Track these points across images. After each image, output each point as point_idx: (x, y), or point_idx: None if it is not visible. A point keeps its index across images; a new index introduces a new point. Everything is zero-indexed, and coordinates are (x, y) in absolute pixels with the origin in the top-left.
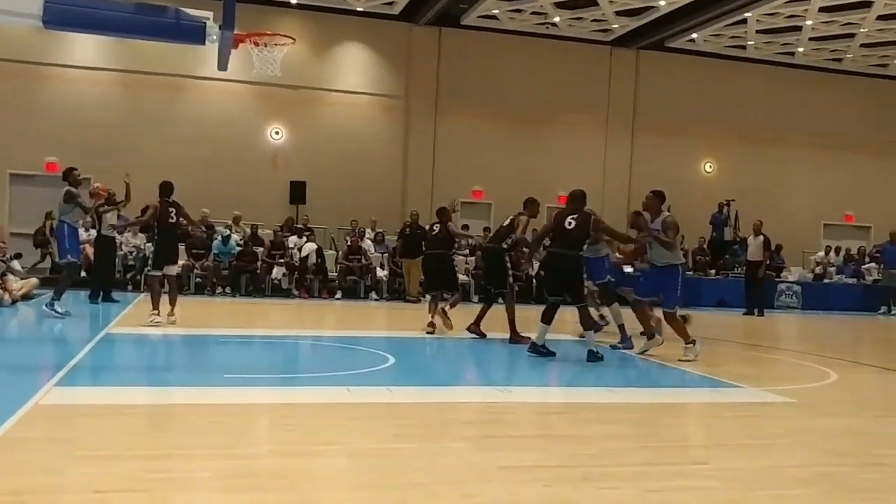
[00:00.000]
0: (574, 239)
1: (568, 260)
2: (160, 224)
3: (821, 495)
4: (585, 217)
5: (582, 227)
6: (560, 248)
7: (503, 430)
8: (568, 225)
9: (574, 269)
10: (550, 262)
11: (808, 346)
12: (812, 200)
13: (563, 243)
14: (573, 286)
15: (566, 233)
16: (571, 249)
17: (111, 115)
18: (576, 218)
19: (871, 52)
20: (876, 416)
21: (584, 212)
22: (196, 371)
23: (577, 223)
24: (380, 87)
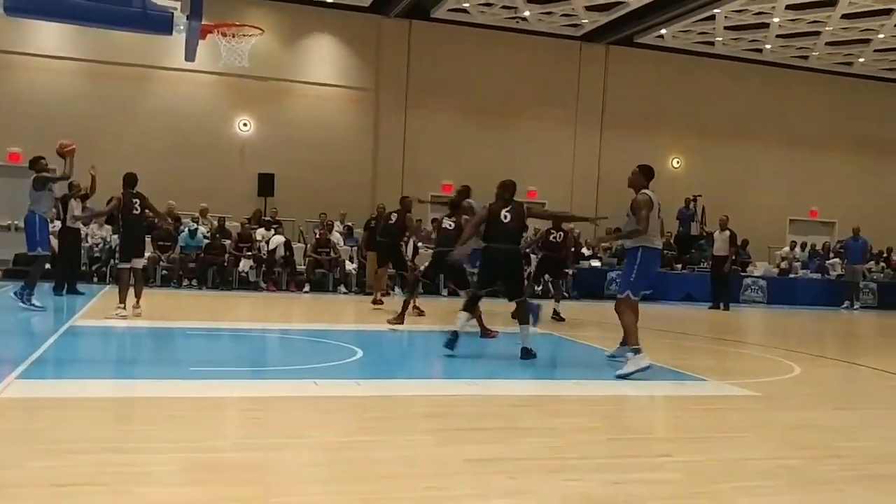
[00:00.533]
0: (511, 233)
1: (508, 254)
2: (124, 216)
3: (782, 487)
4: (519, 208)
5: (518, 220)
6: (499, 244)
7: (469, 423)
8: (504, 218)
9: (515, 264)
10: (492, 258)
11: (773, 340)
12: (778, 196)
13: (500, 238)
14: (513, 281)
15: (503, 227)
16: (510, 244)
17: (76, 106)
18: (510, 211)
19: (836, 51)
20: (836, 408)
21: (517, 202)
22: (161, 364)
23: (512, 216)
24: (349, 79)
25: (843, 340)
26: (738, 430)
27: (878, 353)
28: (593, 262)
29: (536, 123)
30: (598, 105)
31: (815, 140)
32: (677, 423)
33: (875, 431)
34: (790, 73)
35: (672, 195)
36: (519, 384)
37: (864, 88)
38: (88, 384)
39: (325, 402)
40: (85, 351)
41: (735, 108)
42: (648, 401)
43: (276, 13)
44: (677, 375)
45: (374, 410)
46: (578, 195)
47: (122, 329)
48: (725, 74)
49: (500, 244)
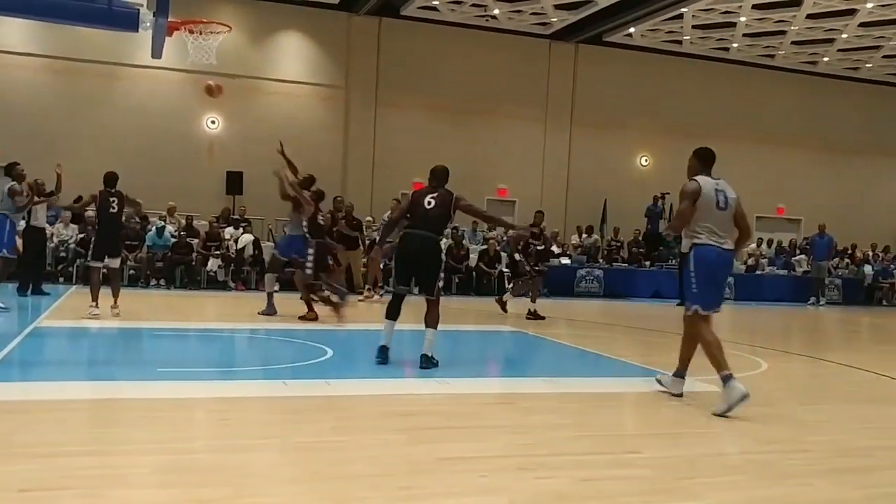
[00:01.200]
0: (433, 221)
1: (426, 241)
2: (100, 214)
3: (750, 481)
4: (447, 196)
5: (442, 207)
6: (415, 230)
7: (440, 422)
8: (427, 204)
9: (432, 255)
10: (406, 245)
11: (741, 336)
12: (745, 193)
13: (419, 224)
14: (426, 273)
15: (424, 213)
16: (429, 231)
17: (40, 103)
18: (436, 197)
19: (802, 50)
20: (803, 403)
21: (445, 190)
22: (130, 365)
23: (437, 202)
24: (319, 76)
25: (809, 336)
26: (706, 425)
27: (843, 349)
28: (563, 259)
29: (506, 121)
30: (567, 103)
31: (782, 138)
32: (646, 420)
33: (841, 425)
34: (757, 71)
35: (641, 193)
36: (490, 382)
37: (829, 87)
38: (55, 386)
39: (295, 403)
40: (51, 352)
41: (703, 106)
42: (618, 398)
43: (244, 10)
44: (646, 372)
45: (344, 410)
46: (548, 192)
47: (88, 330)
48: (693, 73)
49: (418, 230)
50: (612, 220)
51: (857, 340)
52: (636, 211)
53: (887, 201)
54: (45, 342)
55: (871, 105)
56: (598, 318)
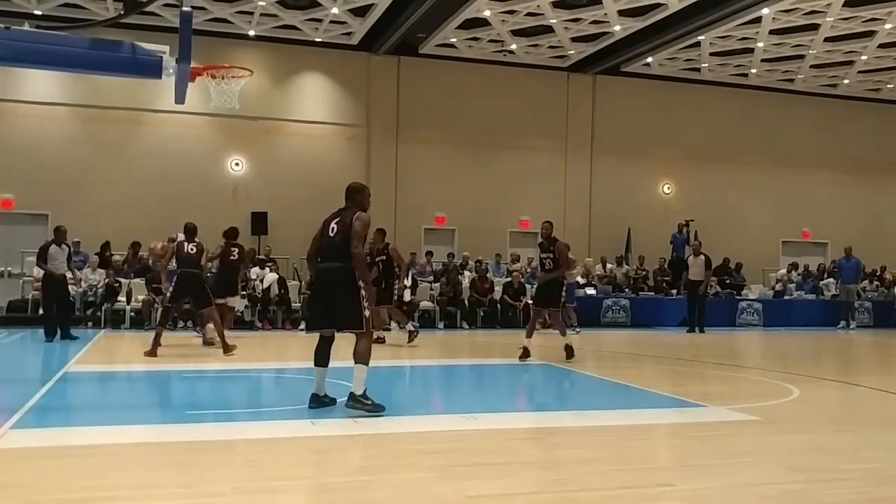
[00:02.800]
0: (335, 248)
1: (330, 274)
2: (223, 260)
3: None
4: (350, 219)
5: (344, 233)
6: (321, 262)
7: (469, 459)
8: (331, 232)
9: (339, 285)
10: (315, 280)
11: (771, 362)
12: (770, 218)
13: (323, 255)
14: (336, 306)
15: (327, 241)
16: (334, 261)
17: (68, 151)
18: (339, 222)
19: (821, 73)
20: (838, 430)
21: (351, 211)
22: (157, 408)
23: (339, 228)
24: (340, 116)
25: (840, 361)
26: (739, 455)
27: (876, 373)
28: (588, 290)
29: (527, 154)
30: (587, 134)
31: (803, 161)
32: (678, 451)
33: (877, 452)
34: (777, 96)
35: (665, 220)
36: (519, 417)
37: (850, 109)
38: (84, 431)
39: (324, 442)
40: (80, 397)
41: (724, 132)
42: (649, 430)
43: (266, 53)
44: (677, 402)
45: (373, 449)
46: (571, 223)
47: (118, 374)
48: (713, 99)
49: (322, 262)
50: (637, 248)
51: (891, 363)
52: (661, 239)
53: None
54: (75, 387)
55: (893, 125)
56: (626, 349)
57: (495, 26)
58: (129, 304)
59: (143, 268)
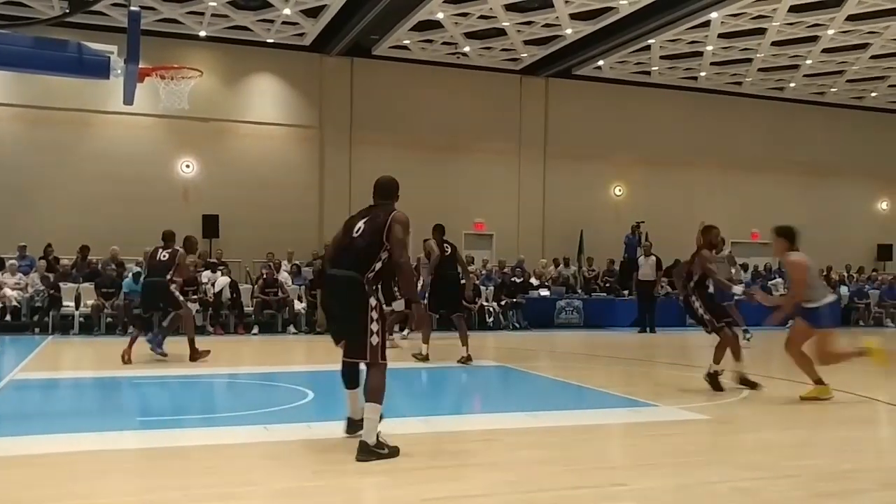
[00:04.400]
0: (355, 254)
1: (342, 283)
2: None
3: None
4: (381, 218)
5: (372, 235)
6: (335, 269)
7: (424, 462)
8: (356, 232)
9: (353, 302)
10: (325, 290)
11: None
12: (719, 219)
13: (340, 261)
14: (350, 329)
15: (349, 243)
16: (349, 269)
17: (13, 153)
18: (367, 220)
19: (768, 76)
20: (784, 428)
21: (384, 210)
22: (108, 415)
23: (366, 228)
24: (293, 117)
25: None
26: (690, 454)
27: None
28: (542, 291)
29: (481, 156)
30: (540, 136)
31: (753, 163)
32: (631, 451)
33: (822, 449)
34: (726, 99)
35: (616, 222)
36: (472, 419)
37: (797, 112)
38: (32, 440)
39: (277, 448)
40: (27, 405)
41: (674, 135)
42: (602, 429)
43: (217, 54)
44: (629, 402)
45: (326, 453)
46: (525, 224)
47: (65, 381)
48: (663, 102)
49: (334, 268)
50: (589, 250)
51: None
52: (613, 240)
53: (859, 222)
54: (21, 395)
55: (839, 127)
56: (579, 349)
57: (448, 28)
58: (78, 310)
59: (92, 272)
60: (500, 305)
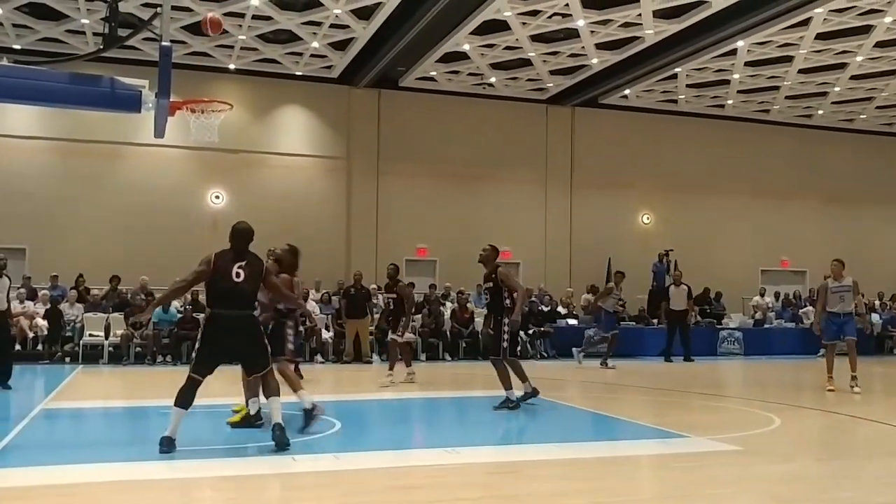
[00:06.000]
0: (245, 296)
1: (242, 321)
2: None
3: None
4: (257, 265)
5: (254, 281)
6: (228, 310)
7: (448, 494)
8: (236, 276)
9: (254, 334)
10: (218, 328)
11: (752, 392)
12: (748, 247)
13: (232, 302)
14: (255, 353)
15: (233, 287)
16: (244, 309)
17: (46, 184)
18: (244, 266)
19: (796, 104)
20: (819, 459)
21: (254, 256)
22: (137, 445)
23: (246, 274)
24: (321, 148)
25: (820, 389)
26: (722, 486)
27: (854, 401)
28: (570, 320)
29: (507, 185)
30: (566, 165)
31: (781, 191)
32: (661, 483)
33: (857, 482)
34: (753, 126)
35: (644, 250)
36: (498, 450)
37: (825, 139)
38: (60, 470)
39: (304, 479)
40: (55, 435)
41: (701, 162)
42: (631, 461)
43: (246, 87)
44: (659, 433)
45: (353, 485)
46: (552, 253)
47: (94, 410)
48: (690, 130)
49: (229, 310)
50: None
51: (869, 391)
52: (641, 269)
53: (890, 249)
54: (51, 424)
55: (868, 155)
56: (608, 379)
57: (475, 59)
58: (108, 339)
59: (122, 302)
60: (528, 334)
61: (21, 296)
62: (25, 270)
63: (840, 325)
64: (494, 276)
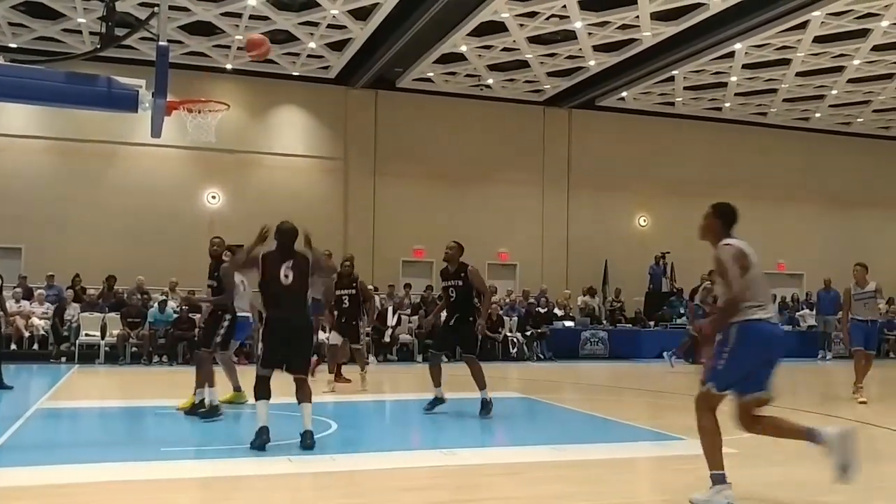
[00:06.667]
0: (295, 297)
1: (296, 323)
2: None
3: None
4: (303, 262)
5: (302, 278)
6: (282, 312)
7: (447, 496)
8: (285, 278)
9: (306, 336)
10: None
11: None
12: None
13: (284, 305)
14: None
15: (284, 290)
16: (295, 312)
17: (42, 184)
18: (293, 267)
19: (793, 107)
20: (816, 462)
21: (300, 254)
22: (132, 445)
23: (295, 274)
24: (318, 149)
25: (817, 392)
26: None
27: (853, 404)
28: (566, 322)
29: (504, 187)
30: (563, 167)
31: (778, 194)
32: (657, 485)
33: (850, 486)
34: (750, 129)
35: (642, 253)
36: (496, 452)
37: (822, 142)
38: (56, 470)
39: (300, 480)
40: (52, 435)
41: (698, 165)
42: (627, 463)
43: (243, 87)
44: (655, 435)
45: (350, 486)
46: (549, 255)
47: (90, 410)
48: (687, 133)
49: (282, 312)
50: (614, 281)
51: (867, 395)
52: (638, 271)
53: (887, 253)
54: (47, 424)
55: (865, 158)
56: (605, 381)
57: (472, 61)
58: (104, 339)
59: (118, 302)
60: (525, 336)
61: (17, 295)
62: (21, 270)
63: (866, 333)
64: (464, 274)
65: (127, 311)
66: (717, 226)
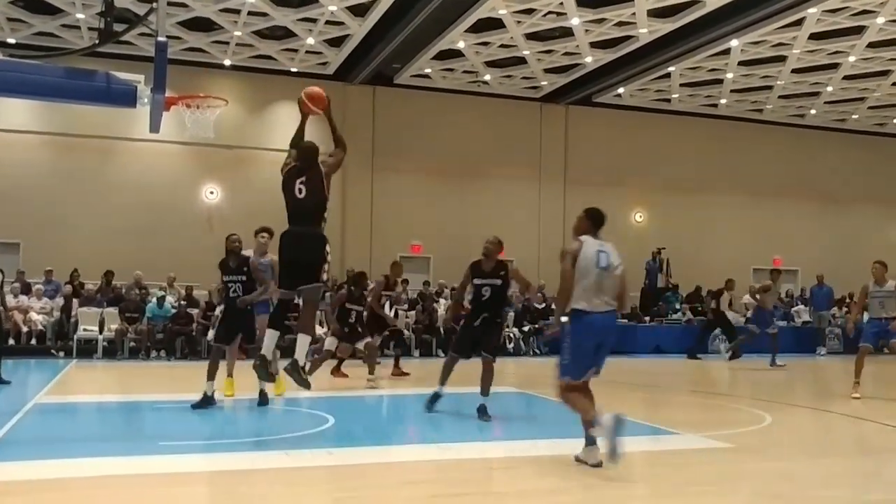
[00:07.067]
0: (309, 211)
1: (304, 238)
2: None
3: None
4: (317, 175)
5: (316, 193)
6: (294, 225)
7: (444, 489)
8: (299, 192)
9: (315, 252)
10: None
11: (743, 389)
12: (741, 246)
13: (296, 218)
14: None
15: (299, 203)
16: (307, 225)
17: (41, 179)
18: (305, 181)
19: (789, 104)
20: (810, 457)
21: (316, 168)
22: (130, 439)
23: (308, 188)
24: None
25: (812, 387)
26: (711, 483)
27: (847, 399)
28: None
29: (501, 183)
30: (560, 163)
31: (774, 190)
32: (652, 479)
33: (848, 479)
34: (746, 126)
35: (638, 248)
36: (492, 446)
37: (818, 138)
38: (54, 464)
39: (297, 474)
40: (50, 429)
41: (694, 161)
42: (623, 457)
43: (242, 83)
44: (651, 430)
45: (347, 480)
46: (545, 251)
47: (88, 405)
48: (683, 129)
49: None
50: None
51: (861, 390)
52: (633, 267)
53: (880, 249)
54: (45, 419)
55: (860, 154)
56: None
57: (469, 57)
58: (102, 334)
59: (117, 297)
60: (521, 331)
61: (15, 290)
62: (20, 265)
63: (879, 331)
64: (504, 273)
65: (125, 305)
66: (586, 226)
